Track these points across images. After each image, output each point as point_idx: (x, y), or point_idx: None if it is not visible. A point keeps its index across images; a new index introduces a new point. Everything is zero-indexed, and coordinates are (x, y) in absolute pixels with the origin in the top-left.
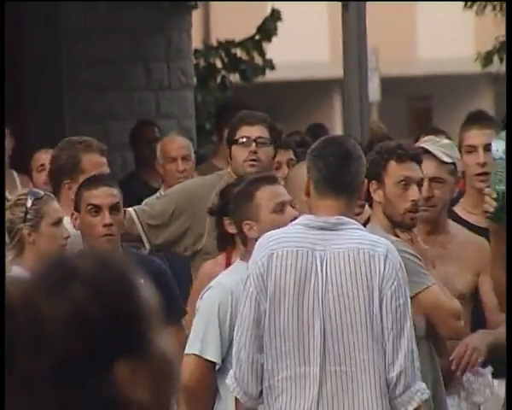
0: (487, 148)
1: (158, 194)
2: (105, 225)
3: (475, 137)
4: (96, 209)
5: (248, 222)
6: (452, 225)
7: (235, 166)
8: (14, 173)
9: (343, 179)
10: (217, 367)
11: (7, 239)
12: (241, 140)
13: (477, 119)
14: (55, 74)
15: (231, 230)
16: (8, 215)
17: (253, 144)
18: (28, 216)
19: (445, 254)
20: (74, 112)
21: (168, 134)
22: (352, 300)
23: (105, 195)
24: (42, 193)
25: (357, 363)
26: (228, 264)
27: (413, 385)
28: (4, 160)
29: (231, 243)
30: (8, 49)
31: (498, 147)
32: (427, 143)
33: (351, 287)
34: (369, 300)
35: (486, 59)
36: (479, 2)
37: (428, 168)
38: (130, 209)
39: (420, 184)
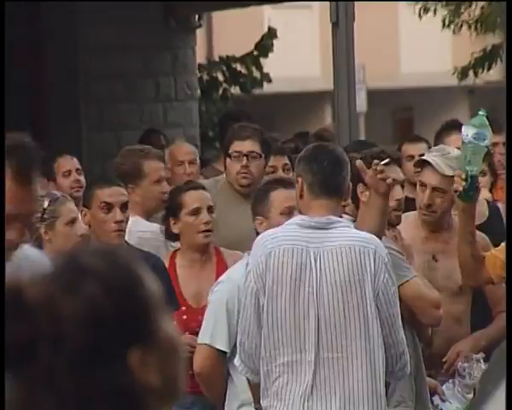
0: None
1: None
2: (116, 222)
3: (454, 142)
4: (109, 207)
5: (259, 218)
6: (456, 222)
7: (229, 178)
8: None
9: (336, 182)
10: (228, 355)
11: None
12: (234, 154)
13: (454, 126)
14: (72, 88)
15: (175, 229)
16: None
17: (245, 159)
18: (45, 216)
19: (447, 248)
20: (90, 122)
21: (175, 141)
22: (345, 292)
23: (117, 194)
24: (58, 195)
25: (350, 350)
26: (172, 263)
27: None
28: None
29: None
30: (29, 65)
31: (468, 132)
32: (436, 153)
33: (344, 281)
34: (361, 292)
35: (463, 73)
36: (455, 22)
37: (431, 178)
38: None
39: (402, 184)
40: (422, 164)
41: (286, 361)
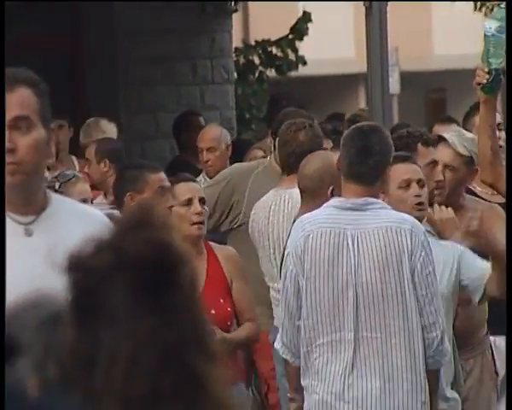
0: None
1: (201, 177)
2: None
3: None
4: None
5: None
6: (468, 200)
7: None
8: (74, 158)
9: (360, 170)
10: None
11: None
12: None
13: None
14: (111, 72)
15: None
16: None
17: None
18: None
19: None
20: (129, 105)
21: (210, 123)
22: (383, 272)
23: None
24: (71, 175)
25: (388, 330)
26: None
27: (445, 344)
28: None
29: None
30: (69, 51)
31: (491, 25)
32: (453, 133)
33: (381, 261)
34: (399, 271)
35: None
36: (487, 5)
37: (444, 155)
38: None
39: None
40: (437, 142)
41: (325, 341)
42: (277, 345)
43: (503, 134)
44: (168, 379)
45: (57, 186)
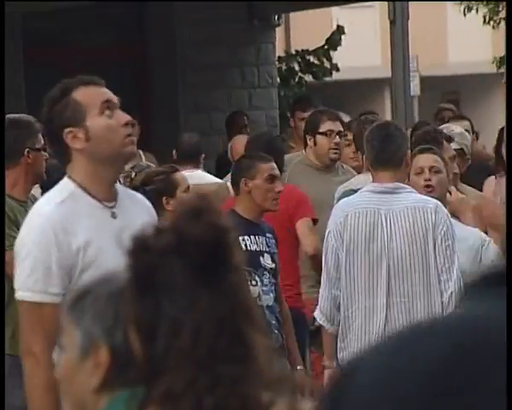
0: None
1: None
2: (278, 192)
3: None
4: (272, 178)
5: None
6: (465, 189)
7: (320, 153)
8: (141, 152)
9: (386, 156)
10: None
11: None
12: (328, 132)
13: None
14: (171, 77)
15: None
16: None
17: (337, 137)
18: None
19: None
20: (186, 106)
21: (256, 124)
22: (411, 245)
23: (275, 167)
24: (145, 166)
25: (414, 295)
26: None
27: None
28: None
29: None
30: (136, 59)
31: None
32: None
33: (410, 235)
34: (425, 244)
35: (501, 62)
36: (494, 19)
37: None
38: (228, 182)
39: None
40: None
41: (362, 306)
42: (317, 314)
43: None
44: (223, 343)
45: (133, 175)
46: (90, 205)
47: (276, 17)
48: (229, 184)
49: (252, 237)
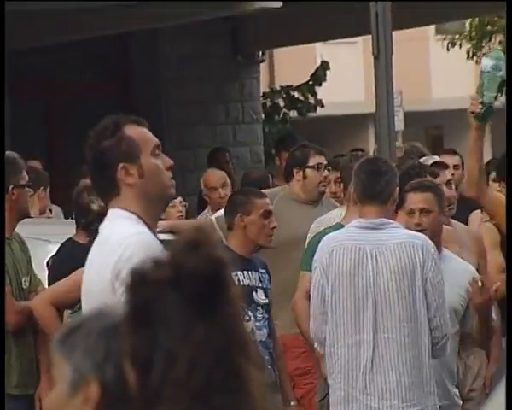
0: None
1: (207, 213)
2: (273, 228)
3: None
4: (267, 214)
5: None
6: (453, 223)
7: (309, 187)
8: None
9: (374, 191)
10: None
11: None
12: (316, 166)
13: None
14: (155, 114)
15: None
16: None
17: (326, 171)
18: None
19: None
20: (171, 143)
21: (241, 160)
22: (398, 281)
23: (268, 204)
24: None
25: (402, 330)
26: None
27: (448, 343)
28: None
29: None
30: (120, 95)
31: (487, 63)
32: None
33: (397, 271)
34: (412, 280)
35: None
36: (478, 54)
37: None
38: (212, 217)
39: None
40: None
41: (347, 343)
42: (311, 335)
43: None
44: (219, 375)
45: (95, 208)
46: (152, 237)
47: (260, 53)
48: (213, 218)
49: (245, 272)
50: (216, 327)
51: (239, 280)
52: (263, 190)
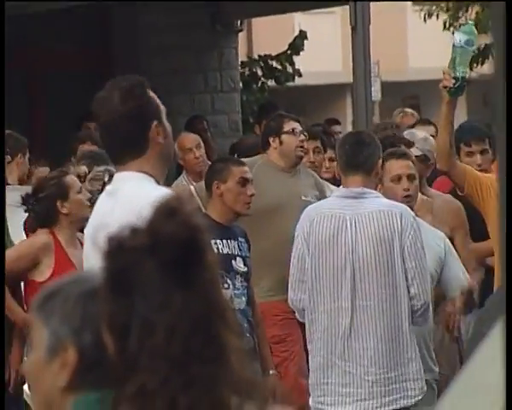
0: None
1: (182, 178)
2: (251, 195)
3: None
4: (244, 182)
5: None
6: (431, 193)
7: (286, 152)
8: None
9: (357, 161)
10: None
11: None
12: (292, 131)
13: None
14: None
15: (63, 211)
16: (88, 187)
17: (302, 135)
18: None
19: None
20: None
21: (219, 128)
22: (377, 248)
23: (245, 171)
24: (114, 171)
25: (380, 297)
26: (56, 240)
27: (430, 311)
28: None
29: (55, 222)
30: (99, 64)
31: (460, 37)
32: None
33: (375, 239)
34: (391, 248)
35: None
36: (454, 25)
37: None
38: (191, 186)
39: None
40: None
41: (327, 309)
42: (290, 303)
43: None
44: (197, 343)
45: (106, 178)
46: None
47: (239, 22)
48: (192, 187)
49: (224, 240)
50: (193, 294)
51: (218, 248)
52: (243, 159)
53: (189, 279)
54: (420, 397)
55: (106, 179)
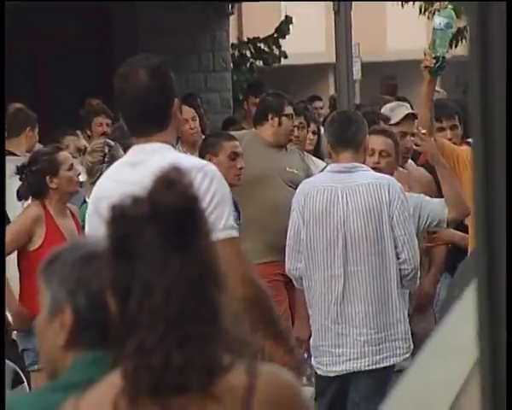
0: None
1: (177, 148)
2: (240, 168)
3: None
4: (235, 156)
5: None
6: (410, 166)
7: (282, 133)
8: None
9: (346, 137)
10: None
11: (86, 178)
12: (290, 115)
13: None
14: None
15: (52, 185)
16: (88, 158)
17: (293, 120)
18: (106, 159)
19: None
20: None
21: (211, 105)
22: (366, 218)
23: (236, 146)
24: (113, 143)
25: (370, 264)
26: (46, 211)
27: (418, 275)
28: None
29: (45, 195)
30: (101, 45)
31: (440, 21)
32: (391, 107)
33: (364, 209)
34: (379, 217)
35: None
36: (429, 10)
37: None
38: None
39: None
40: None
41: (321, 277)
42: (287, 272)
43: None
44: (192, 304)
45: (106, 150)
46: None
47: (230, 7)
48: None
49: None
50: (190, 259)
51: None
52: (232, 132)
53: (186, 245)
54: (407, 355)
55: (106, 151)
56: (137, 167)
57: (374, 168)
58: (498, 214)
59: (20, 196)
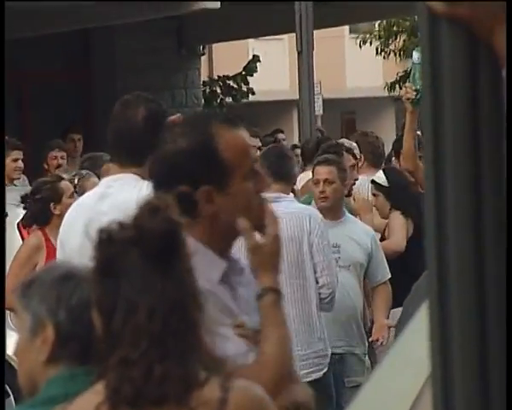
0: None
1: None
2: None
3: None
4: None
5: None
6: (356, 194)
7: None
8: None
9: (282, 173)
10: None
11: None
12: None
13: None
14: (112, 97)
15: (56, 212)
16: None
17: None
18: (76, 190)
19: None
20: None
21: None
22: (289, 246)
23: None
24: (84, 173)
25: (292, 287)
26: (47, 238)
27: (334, 298)
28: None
29: (48, 221)
30: (82, 81)
31: (418, 56)
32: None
33: (287, 237)
34: (299, 245)
35: (391, 87)
36: (385, 51)
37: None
38: None
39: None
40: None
41: None
42: None
43: None
44: (174, 321)
45: (76, 181)
46: None
47: (201, 47)
48: None
49: None
50: (171, 280)
51: None
52: None
53: (168, 268)
54: (325, 370)
55: (76, 182)
56: (105, 199)
57: (320, 197)
58: (448, 234)
59: (24, 223)
